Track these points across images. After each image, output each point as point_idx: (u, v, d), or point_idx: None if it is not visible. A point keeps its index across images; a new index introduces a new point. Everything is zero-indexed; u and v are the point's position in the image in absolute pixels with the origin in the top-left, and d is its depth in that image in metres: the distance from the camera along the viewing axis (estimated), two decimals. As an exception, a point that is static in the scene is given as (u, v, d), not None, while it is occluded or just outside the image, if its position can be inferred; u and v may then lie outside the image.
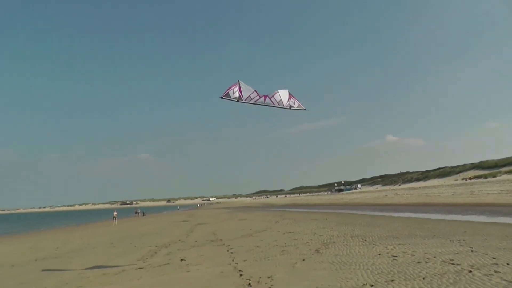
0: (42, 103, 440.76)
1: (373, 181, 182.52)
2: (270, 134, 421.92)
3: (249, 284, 9.48)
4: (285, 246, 16.28)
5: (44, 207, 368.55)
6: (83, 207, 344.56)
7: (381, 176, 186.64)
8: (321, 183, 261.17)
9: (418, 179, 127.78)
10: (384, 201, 61.77)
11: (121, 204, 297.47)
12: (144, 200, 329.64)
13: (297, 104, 12.95)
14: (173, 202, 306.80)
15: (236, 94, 11.94)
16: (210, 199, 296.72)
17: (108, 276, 12.29)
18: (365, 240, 16.35)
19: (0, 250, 25.35)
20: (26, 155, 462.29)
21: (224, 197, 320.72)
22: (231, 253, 15.41)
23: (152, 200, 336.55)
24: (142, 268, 13.28)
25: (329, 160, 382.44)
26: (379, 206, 52.13)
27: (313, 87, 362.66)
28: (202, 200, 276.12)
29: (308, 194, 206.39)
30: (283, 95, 12.70)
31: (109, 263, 15.22)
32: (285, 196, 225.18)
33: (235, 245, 17.89)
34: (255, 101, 12.28)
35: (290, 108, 12.77)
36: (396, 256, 11.63)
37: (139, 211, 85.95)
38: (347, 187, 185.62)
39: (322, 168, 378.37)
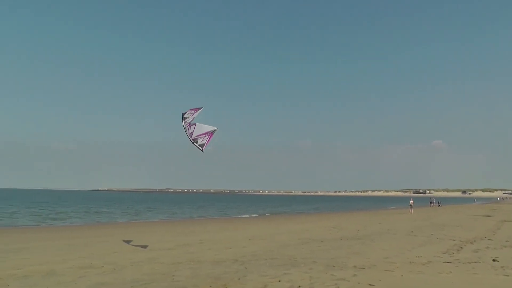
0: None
1: None
2: None
3: None
4: None
5: (339, 191, 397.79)
6: (376, 193, 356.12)
7: None
8: None
9: None
10: None
11: (413, 193, 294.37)
12: (437, 190, 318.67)
13: (202, 143, 12.96)
14: (469, 193, 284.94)
15: (187, 115, 13.30)
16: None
17: (415, 265, 12.34)
18: None
19: (309, 226, 28.71)
20: (320, 144, 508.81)
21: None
22: (558, 262, 13.32)
23: (446, 190, 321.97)
24: (450, 262, 12.79)
25: None
26: None
27: None
28: (504, 193, 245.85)
29: None
30: (199, 129, 13.08)
31: (412, 252, 15.26)
32: None
33: (560, 252, 15.41)
34: (184, 125, 13.22)
35: (192, 143, 12.97)
36: None
37: (434, 201, 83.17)
38: None
39: None
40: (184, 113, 13.59)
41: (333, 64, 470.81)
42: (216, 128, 13.19)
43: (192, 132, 13.15)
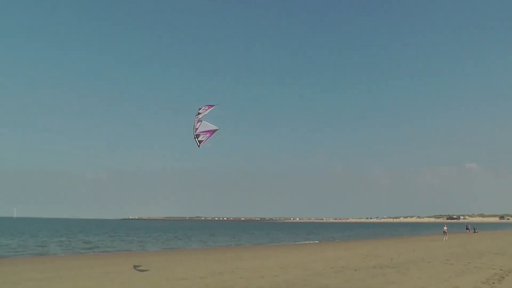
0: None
1: None
2: None
3: None
4: None
5: (371, 218, 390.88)
6: (408, 219, 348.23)
7: None
8: None
9: None
10: None
11: (447, 219, 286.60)
12: (472, 215, 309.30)
13: (202, 139, 13.60)
14: (508, 218, 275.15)
15: (201, 111, 14.16)
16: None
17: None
18: None
19: (341, 254, 28.16)
20: (351, 169, 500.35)
21: None
22: None
23: (482, 215, 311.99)
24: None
25: None
26: None
27: None
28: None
29: None
30: (203, 126, 13.77)
31: (449, 282, 14.73)
32: None
33: None
34: (194, 119, 13.98)
35: (194, 138, 13.66)
36: None
37: (469, 227, 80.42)
38: None
39: None
40: (200, 109, 14.38)
41: (361, 88, 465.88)
42: (217, 128, 13.88)
43: (197, 128, 13.92)
